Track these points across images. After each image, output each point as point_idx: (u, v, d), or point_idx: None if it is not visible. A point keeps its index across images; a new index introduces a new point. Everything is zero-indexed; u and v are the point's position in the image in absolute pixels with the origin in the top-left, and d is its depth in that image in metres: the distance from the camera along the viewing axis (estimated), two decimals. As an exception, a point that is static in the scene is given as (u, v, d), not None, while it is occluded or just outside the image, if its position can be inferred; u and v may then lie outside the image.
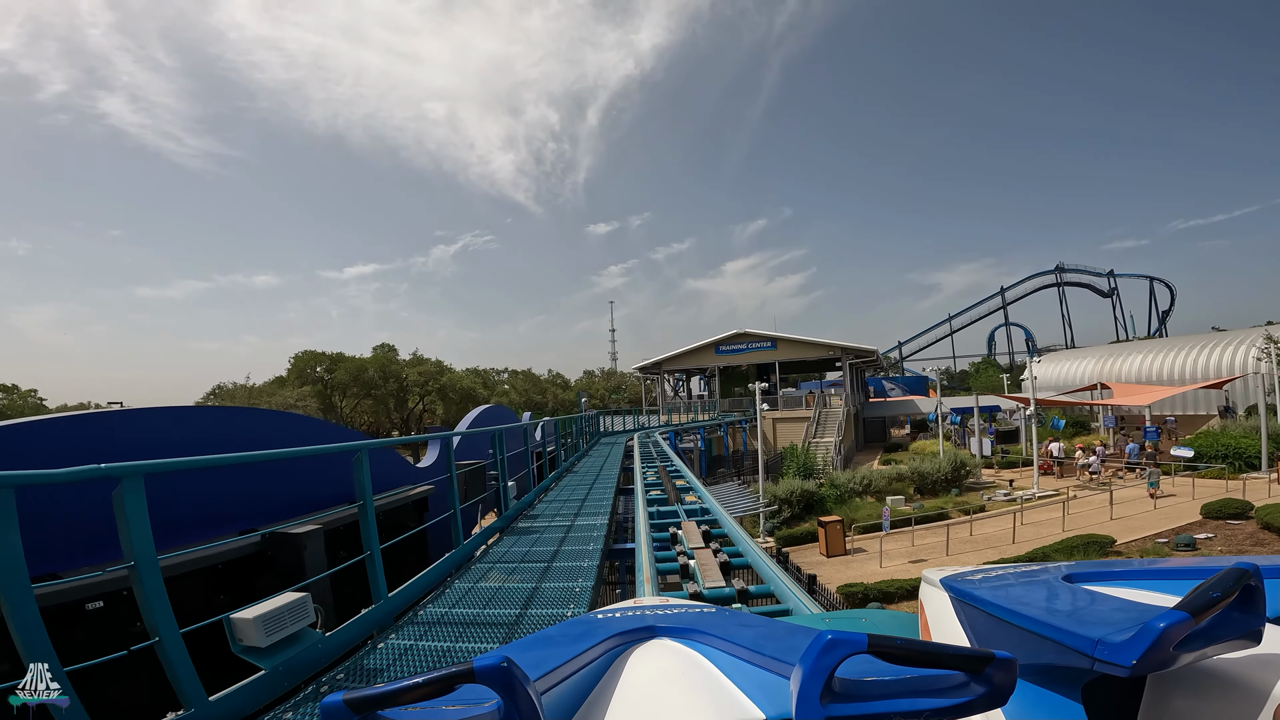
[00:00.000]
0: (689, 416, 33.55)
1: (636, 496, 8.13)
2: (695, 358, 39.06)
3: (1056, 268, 74.30)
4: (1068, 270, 74.60)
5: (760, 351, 37.06)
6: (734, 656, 0.90)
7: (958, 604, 1.07)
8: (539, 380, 61.49)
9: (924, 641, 0.59)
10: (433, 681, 0.61)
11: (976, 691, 0.57)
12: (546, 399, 57.02)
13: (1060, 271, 74.32)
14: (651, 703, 0.81)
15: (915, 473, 22.04)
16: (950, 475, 21.67)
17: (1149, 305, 70.61)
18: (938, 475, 21.61)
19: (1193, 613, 0.63)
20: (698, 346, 38.68)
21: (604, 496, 9.19)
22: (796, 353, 36.34)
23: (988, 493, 21.24)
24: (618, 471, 12.29)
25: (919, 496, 21.55)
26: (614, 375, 72.20)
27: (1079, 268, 74.73)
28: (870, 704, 0.58)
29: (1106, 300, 72.12)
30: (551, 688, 0.76)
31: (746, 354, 37.45)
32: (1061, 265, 74.73)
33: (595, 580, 4.74)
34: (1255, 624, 0.68)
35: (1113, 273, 72.67)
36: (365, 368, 37.64)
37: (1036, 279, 74.40)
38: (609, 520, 7.28)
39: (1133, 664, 0.63)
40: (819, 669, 0.57)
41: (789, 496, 19.62)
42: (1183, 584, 0.78)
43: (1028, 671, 0.81)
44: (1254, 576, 0.68)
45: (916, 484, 22.02)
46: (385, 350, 42.24)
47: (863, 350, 35.31)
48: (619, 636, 1.02)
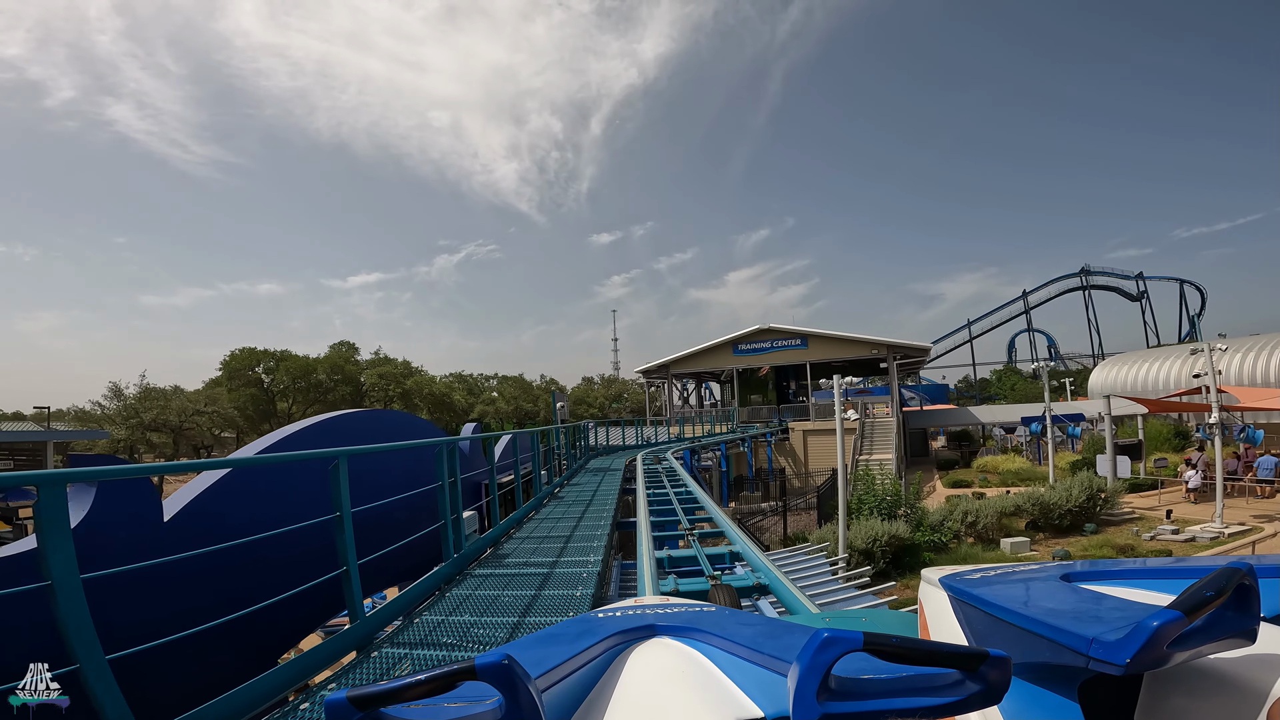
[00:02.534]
0: (703, 428, 27.51)
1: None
2: (709, 359, 33.11)
3: (1082, 270, 69.96)
4: (1094, 273, 70.06)
5: (787, 350, 31.16)
6: (733, 655, 0.90)
7: (956, 603, 1.08)
8: (531, 387, 55.18)
9: (919, 639, 0.60)
10: (435, 678, 0.62)
11: (971, 689, 0.58)
12: (539, 407, 50.86)
13: (1086, 274, 69.85)
14: (651, 700, 0.81)
15: (1036, 503, 16.06)
16: (1082, 505, 15.73)
17: (1179, 309, 66.14)
18: (1068, 505, 15.64)
19: (1186, 611, 0.63)
20: (712, 346, 32.75)
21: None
22: (830, 351, 30.46)
23: (1139, 527, 15.33)
24: (605, 526, 6.94)
25: (1043, 536, 15.60)
26: (615, 382, 65.81)
27: (1106, 270, 70.31)
28: (866, 701, 0.59)
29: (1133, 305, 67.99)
30: (552, 685, 0.75)
31: (770, 354, 31.53)
32: (1087, 268, 70.31)
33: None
34: (1249, 623, 0.69)
35: (1142, 275, 68.23)
36: (313, 368, 31.27)
37: (1060, 282, 69.94)
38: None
39: (1127, 662, 0.63)
40: (815, 666, 0.57)
41: (871, 545, 13.51)
42: (1178, 583, 0.76)
43: (1024, 670, 0.82)
44: (1248, 575, 0.68)
45: (1034, 517, 16.08)
46: (344, 348, 35.91)
47: (913, 348, 29.56)
48: (619, 635, 1.02)
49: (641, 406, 46.62)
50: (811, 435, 29.88)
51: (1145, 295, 67.95)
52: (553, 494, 9.87)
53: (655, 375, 35.44)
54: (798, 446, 30.15)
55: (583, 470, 14.27)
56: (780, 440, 30.26)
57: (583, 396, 57.49)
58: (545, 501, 9.05)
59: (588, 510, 8.04)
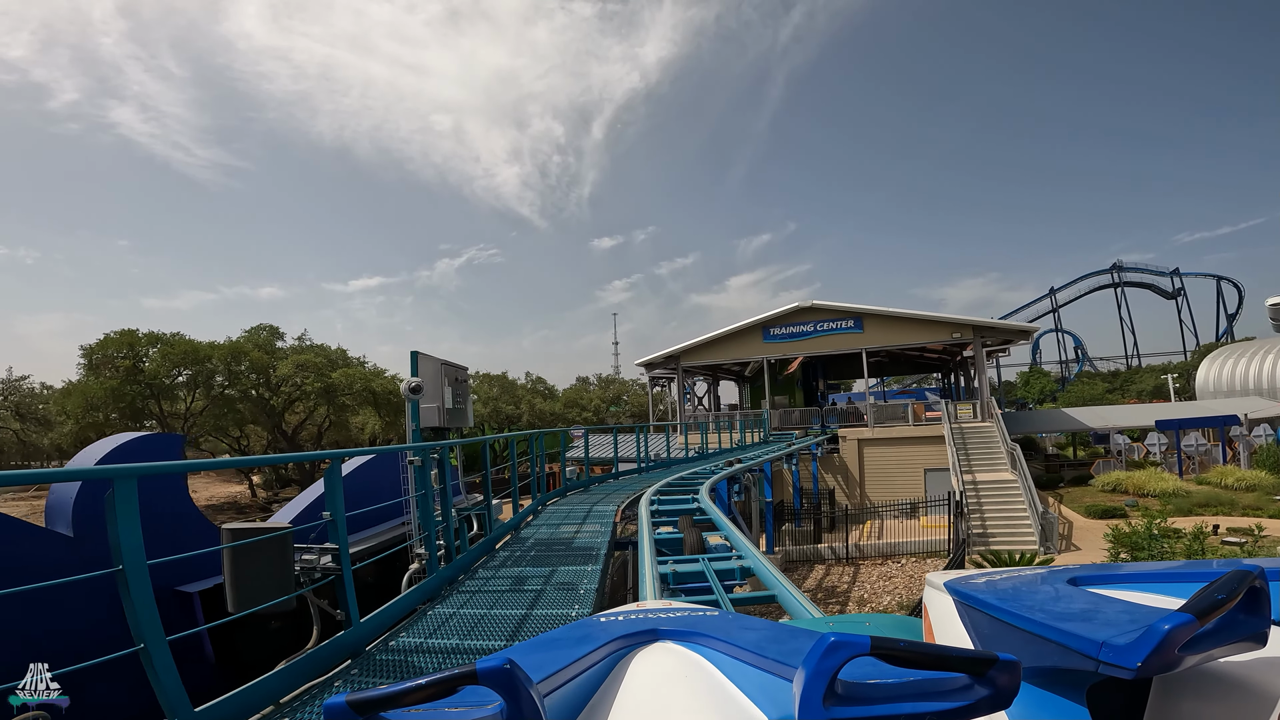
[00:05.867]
0: (731, 437, 20.17)
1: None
2: (730, 348, 25.82)
3: (1113, 266, 64.54)
4: (1126, 269, 64.40)
5: (835, 335, 23.94)
6: (737, 659, 0.88)
7: (962, 607, 1.07)
8: (514, 386, 47.20)
9: (927, 644, 0.59)
10: (436, 683, 0.61)
11: (980, 694, 0.57)
12: (521, 410, 43.15)
13: (1118, 270, 64.22)
14: (654, 706, 0.80)
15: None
16: None
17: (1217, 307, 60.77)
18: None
19: (1198, 614, 0.63)
20: (735, 331, 25.47)
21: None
22: (894, 335, 23.33)
23: None
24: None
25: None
26: (614, 383, 57.60)
27: (1140, 266, 64.81)
28: (873, 707, 0.58)
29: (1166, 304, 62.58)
30: (554, 690, 0.74)
31: (814, 339, 24.29)
32: (1119, 264, 64.80)
33: None
34: (1261, 626, 0.68)
35: (1178, 271, 62.61)
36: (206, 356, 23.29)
37: (1090, 279, 64.45)
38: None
39: (1138, 666, 0.62)
40: (822, 671, 0.57)
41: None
42: (1188, 587, 0.75)
43: (1032, 674, 0.81)
44: (1259, 578, 0.68)
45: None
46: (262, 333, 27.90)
47: (1008, 329, 22.52)
48: (622, 639, 1.00)
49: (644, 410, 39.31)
50: (870, 445, 22.68)
51: (1182, 292, 62.36)
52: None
53: (661, 370, 28.01)
54: (850, 460, 22.95)
55: (513, 545, 6.93)
56: (828, 452, 23.08)
57: (575, 398, 49.43)
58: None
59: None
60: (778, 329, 24.88)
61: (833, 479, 23.37)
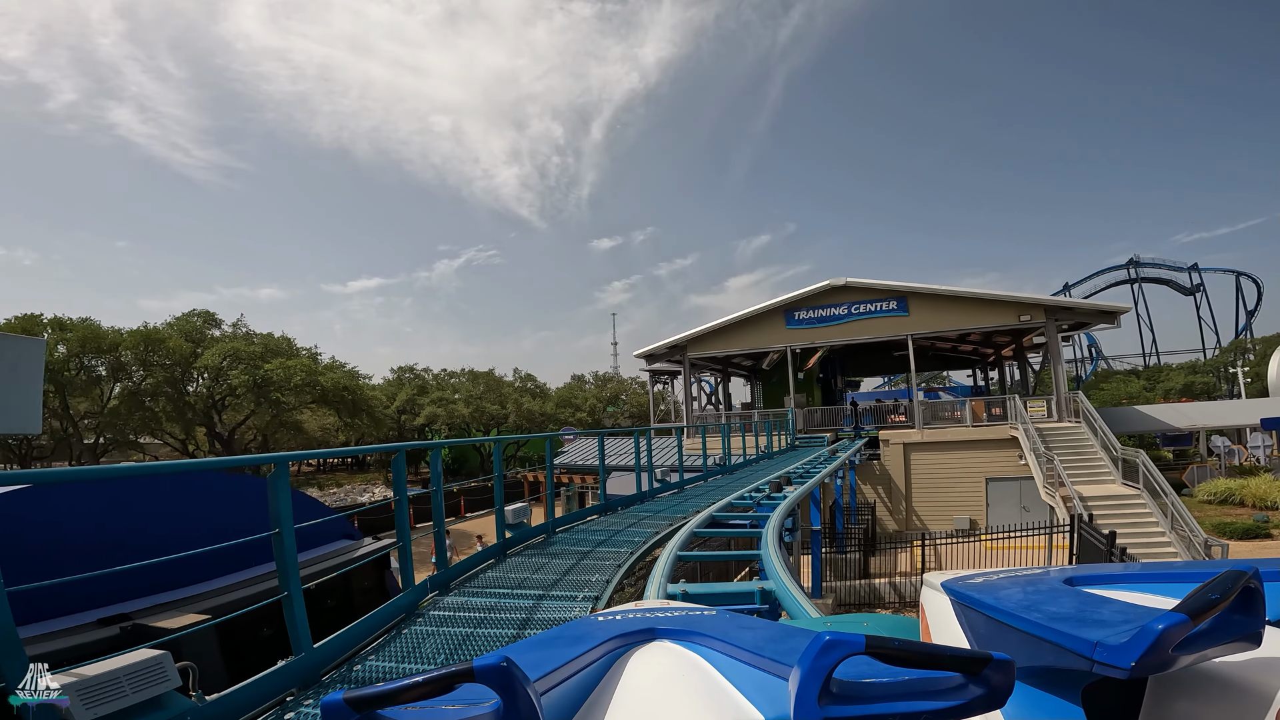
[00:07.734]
0: (756, 442, 16.31)
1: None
2: (745, 335, 21.98)
3: (1130, 261, 62.05)
4: (1144, 264, 61.73)
5: (877, 319, 20.16)
6: (733, 658, 0.88)
7: (958, 607, 1.06)
8: (501, 384, 42.86)
9: (921, 643, 0.59)
10: (433, 681, 0.61)
11: (974, 693, 0.57)
12: (508, 410, 39.03)
13: (1135, 265, 61.59)
14: (650, 704, 0.80)
15: None
16: None
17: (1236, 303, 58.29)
18: None
19: (1191, 614, 0.63)
20: (752, 315, 21.65)
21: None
22: (949, 318, 19.59)
23: None
24: None
25: None
26: (611, 381, 53.05)
27: (1158, 261, 62.24)
28: (868, 705, 0.58)
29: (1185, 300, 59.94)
30: (551, 689, 0.75)
31: (848, 324, 20.50)
32: (1136, 259, 62.23)
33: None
34: (1255, 626, 0.68)
35: (1196, 266, 59.99)
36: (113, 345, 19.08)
37: (1106, 274, 61.69)
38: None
39: (1131, 666, 0.63)
40: (817, 670, 0.57)
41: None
42: (1183, 587, 0.76)
43: (1028, 674, 0.81)
44: (1253, 579, 0.68)
45: None
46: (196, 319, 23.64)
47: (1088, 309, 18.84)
48: (619, 639, 1.00)
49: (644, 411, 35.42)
50: (918, 450, 18.92)
51: (1201, 288, 59.71)
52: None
53: (663, 363, 24.11)
54: (894, 469, 19.20)
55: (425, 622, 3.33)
56: (867, 460, 19.32)
57: (568, 398, 45.06)
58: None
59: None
60: (803, 313, 21.07)
61: (871, 491, 19.63)
